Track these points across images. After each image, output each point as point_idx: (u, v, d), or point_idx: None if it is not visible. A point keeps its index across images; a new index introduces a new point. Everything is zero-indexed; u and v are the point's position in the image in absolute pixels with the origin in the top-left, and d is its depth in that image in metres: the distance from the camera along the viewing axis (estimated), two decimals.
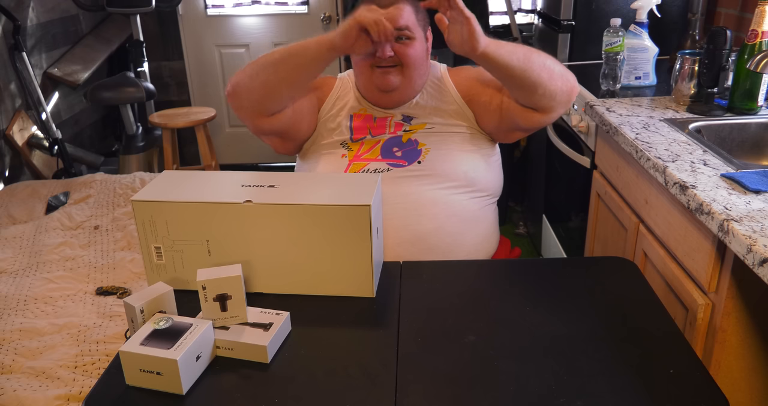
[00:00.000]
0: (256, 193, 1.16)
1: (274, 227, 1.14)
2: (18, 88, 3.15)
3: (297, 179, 1.27)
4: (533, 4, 3.78)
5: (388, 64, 1.45)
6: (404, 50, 1.45)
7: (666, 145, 1.54)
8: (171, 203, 1.15)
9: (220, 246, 1.17)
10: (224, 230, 1.15)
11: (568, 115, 2.29)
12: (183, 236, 1.17)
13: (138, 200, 1.16)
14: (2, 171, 3.02)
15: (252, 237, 1.15)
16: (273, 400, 0.93)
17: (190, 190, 1.21)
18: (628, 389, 0.94)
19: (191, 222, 1.16)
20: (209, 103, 4.07)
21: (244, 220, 1.14)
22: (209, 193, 1.19)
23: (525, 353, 1.02)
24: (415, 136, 1.50)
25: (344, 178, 1.33)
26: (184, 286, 1.20)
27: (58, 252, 2.13)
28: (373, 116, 1.53)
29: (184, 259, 1.19)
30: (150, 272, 1.22)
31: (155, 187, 1.21)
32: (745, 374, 1.34)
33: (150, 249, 1.19)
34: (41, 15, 3.38)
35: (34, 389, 1.48)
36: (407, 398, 0.93)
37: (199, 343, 0.97)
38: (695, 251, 1.34)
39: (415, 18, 1.47)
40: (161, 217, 1.16)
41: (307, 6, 3.92)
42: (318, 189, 1.21)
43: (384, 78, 1.46)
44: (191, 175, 1.31)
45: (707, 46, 1.73)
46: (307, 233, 1.14)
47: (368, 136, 1.52)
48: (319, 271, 1.17)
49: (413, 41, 1.46)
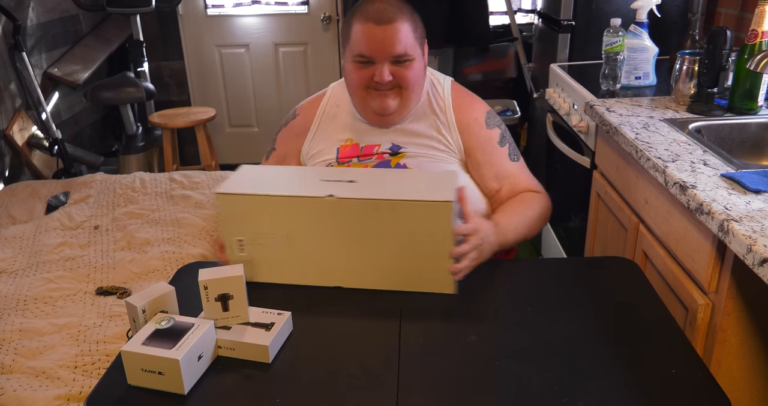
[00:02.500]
0: (337, 187, 1.16)
1: (355, 221, 1.15)
2: (18, 88, 3.15)
3: (375, 175, 1.28)
4: (533, 4, 3.78)
5: (387, 87, 1.39)
6: (403, 73, 1.37)
7: (666, 145, 1.55)
8: (255, 196, 1.16)
9: (300, 240, 1.18)
10: (305, 223, 1.16)
11: (568, 115, 2.29)
12: (264, 229, 1.18)
13: (222, 193, 1.17)
14: (2, 171, 3.02)
15: (333, 231, 1.16)
16: (275, 400, 0.93)
17: (272, 184, 1.22)
18: (629, 388, 0.94)
19: (273, 215, 1.17)
20: (209, 103, 4.07)
21: (326, 214, 1.15)
22: (291, 187, 1.21)
23: (526, 353, 1.02)
24: (404, 160, 1.45)
25: (423, 175, 1.32)
26: (264, 278, 1.22)
27: (57, 252, 2.13)
28: (359, 146, 1.47)
29: (264, 252, 1.20)
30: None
31: (237, 181, 1.23)
32: (745, 374, 1.34)
33: (233, 242, 1.20)
34: (41, 15, 3.37)
35: (34, 389, 1.48)
36: (409, 398, 0.93)
37: (200, 343, 0.97)
38: (695, 251, 1.34)
39: (414, 36, 1.37)
40: (244, 210, 1.17)
41: (307, 6, 3.92)
42: (398, 185, 1.21)
43: (382, 101, 1.40)
44: (270, 170, 1.36)
45: (707, 46, 1.74)
46: (389, 228, 1.14)
47: (355, 160, 1.47)
48: (398, 266, 1.17)
49: (412, 62, 1.38)
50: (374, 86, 1.39)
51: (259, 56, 4.03)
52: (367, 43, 1.35)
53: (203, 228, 2.23)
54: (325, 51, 4.01)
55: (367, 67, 1.37)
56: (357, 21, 1.36)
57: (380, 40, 1.34)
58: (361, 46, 1.36)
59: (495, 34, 3.54)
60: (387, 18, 1.33)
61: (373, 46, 1.35)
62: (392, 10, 1.35)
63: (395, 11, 1.35)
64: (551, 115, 2.56)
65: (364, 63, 1.37)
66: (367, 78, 1.38)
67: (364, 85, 1.40)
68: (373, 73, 1.37)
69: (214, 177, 2.69)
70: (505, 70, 3.73)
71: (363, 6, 1.38)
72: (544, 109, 2.71)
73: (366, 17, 1.35)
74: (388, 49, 1.34)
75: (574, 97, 2.23)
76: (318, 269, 1.20)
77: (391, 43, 1.34)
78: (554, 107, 2.48)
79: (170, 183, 2.64)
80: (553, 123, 2.52)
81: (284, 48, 4.02)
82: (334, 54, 4.00)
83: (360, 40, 1.35)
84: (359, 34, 1.35)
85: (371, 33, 1.34)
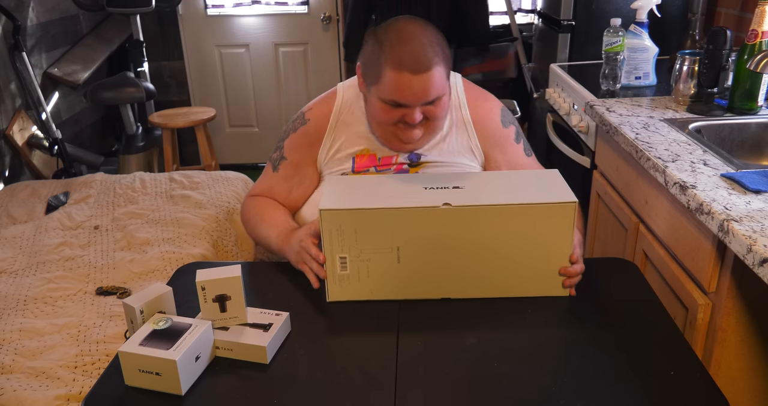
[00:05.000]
0: (447, 195, 1.12)
1: (472, 229, 1.10)
2: (18, 88, 3.15)
3: (478, 179, 1.23)
4: (533, 4, 3.78)
5: (417, 122, 1.32)
6: (434, 111, 1.31)
7: (666, 145, 1.54)
8: (363, 210, 1.10)
9: (411, 252, 1.12)
10: (418, 235, 1.11)
11: (568, 115, 2.29)
12: (372, 244, 1.12)
13: (327, 209, 1.10)
14: (2, 171, 3.02)
15: (446, 241, 1.12)
16: (272, 401, 0.93)
17: (377, 196, 1.15)
18: (628, 390, 0.94)
19: (383, 229, 1.11)
20: (209, 103, 4.07)
21: (441, 224, 1.10)
22: (400, 198, 1.13)
23: (525, 355, 1.02)
24: (423, 170, 1.42)
25: (526, 175, 1.27)
26: (366, 296, 1.16)
27: (57, 252, 2.12)
28: (377, 156, 1.42)
29: (370, 268, 1.14)
30: (332, 283, 1.16)
31: (335, 196, 1.16)
32: (745, 374, 1.34)
33: (335, 260, 1.13)
34: (41, 15, 3.37)
35: (34, 389, 1.48)
36: (407, 399, 0.93)
37: (198, 343, 0.97)
38: (695, 251, 1.33)
39: (445, 75, 1.29)
40: (351, 225, 1.11)
41: (307, 6, 3.92)
42: (509, 187, 1.17)
43: (409, 133, 1.33)
44: (361, 181, 1.25)
45: (707, 46, 1.73)
46: (507, 234, 1.11)
47: (372, 169, 1.42)
48: (513, 272, 1.14)
49: (443, 98, 1.31)
50: (403, 122, 1.33)
51: (259, 56, 4.03)
52: (402, 93, 1.27)
53: (203, 228, 2.23)
54: (325, 51, 4.01)
55: (398, 109, 1.30)
56: (391, 67, 1.25)
57: (416, 90, 1.26)
58: (395, 94, 1.27)
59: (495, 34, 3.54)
60: (424, 66, 1.24)
61: (409, 96, 1.27)
62: (426, 56, 1.25)
63: (429, 57, 1.25)
64: (551, 115, 2.55)
65: (394, 106, 1.30)
66: (396, 117, 1.32)
67: (392, 122, 1.33)
68: (403, 113, 1.30)
69: (214, 177, 2.69)
70: (505, 70, 3.73)
71: (396, 48, 1.26)
72: (544, 109, 2.71)
73: (400, 64, 1.24)
74: (424, 97, 1.28)
75: (574, 97, 2.23)
76: (427, 282, 1.15)
77: (427, 92, 1.27)
78: (554, 107, 2.47)
79: (170, 183, 2.64)
80: (553, 123, 2.52)
81: (284, 48, 4.02)
82: (334, 54, 4.00)
83: (394, 88, 1.27)
84: (393, 83, 1.26)
85: (408, 84, 1.25)
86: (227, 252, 2.22)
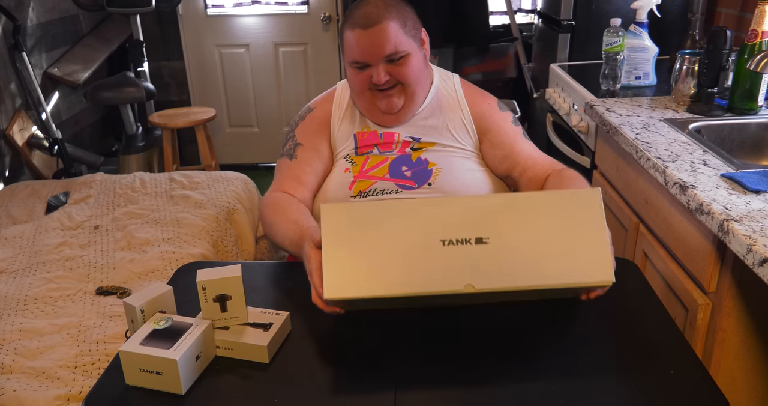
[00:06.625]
0: (468, 258, 0.98)
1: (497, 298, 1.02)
2: (18, 88, 3.15)
3: (504, 224, 1.00)
4: (533, 4, 3.78)
5: (388, 87, 1.40)
6: (400, 70, 1.39)
7: (666, 145, 1.54)
8: (372, 299, 0.98)
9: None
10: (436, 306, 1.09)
11: (568, 115, 2.29)
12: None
13: (334, 299, 0.98)
14: (2, 171, 3.02)
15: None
16: (272, 400, 0.93)
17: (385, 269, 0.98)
18: (628, 389, 0.94)
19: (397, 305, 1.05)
20: (209, 103, 4.07)
21: (461, 298, 1.02)
22: (413, 274, 0.98)
23: (525, 354, 1.02)
24: (425, 155, 1.45)
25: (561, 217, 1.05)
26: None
27: (57, 252, 2.12)
28: (378, 133, 1.48)
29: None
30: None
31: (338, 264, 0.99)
32: (745, 374, 1.34)
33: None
34: (41, 15, 3.37)
35: (34, 389, 1.48)
36: (407, 398, 0.93)
37: (198, 343, 0.97)
38: (695, 251, 1.34)
39: (404, 31, 1.38)
40: (360, 306, 1.06)
41: (307, 6, 3.92)
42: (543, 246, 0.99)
43: (387, 101, 1.42)
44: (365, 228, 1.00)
45: (707, 46, 1.73)
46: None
47: (375, 151, 1.47)
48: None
49: (408, 57, 1.39)
50: (376, 88, 1.41)
51: (259, 56, 4.03)
52: (358, 48, 1.37)
53: (203, 228, 2.23)
54: (325, 51, 4.01)
55: (364, 71, 1.40)
56: (347, 28, 1.39)
57: (369, 44, 1.36)
58: (354, 52, 1.38)
59: (495, 34, 3.54)
60: (372, 21, 1.35)
61: (364, 51, 1.37)
62: (377, 12, 1.36)
63: (380, 12, 1.36)
64: (551, 115, 2.56)
65: (361, 68, 1.40)
66: (366, 81, 1.41)
67: (366, 87, 1.42)
68: (370, 75, 1.39)
69: (214, 177, 2.69)
70: (505, 70, 3.73)
71: (351, 12, 1.40)
72: (544, 109, 2.71)
73: (354, 24, 1.37)
74: (378, 51, 1.36)
75: (574, 97, 2.23)
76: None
77: (380, 45, 1.35)
78: (554, 107, 2.47)
79: (170, 183, 2.64)
80: (553, 123, 2.52)
81: (284, 48, 4.02)
82: (334, 54, 4.00)
83: (352, 47, 1.38)
84: (351, 41, 1.38)
85: (360, 38, 1.36)
86: (227, 252, 2.23)
